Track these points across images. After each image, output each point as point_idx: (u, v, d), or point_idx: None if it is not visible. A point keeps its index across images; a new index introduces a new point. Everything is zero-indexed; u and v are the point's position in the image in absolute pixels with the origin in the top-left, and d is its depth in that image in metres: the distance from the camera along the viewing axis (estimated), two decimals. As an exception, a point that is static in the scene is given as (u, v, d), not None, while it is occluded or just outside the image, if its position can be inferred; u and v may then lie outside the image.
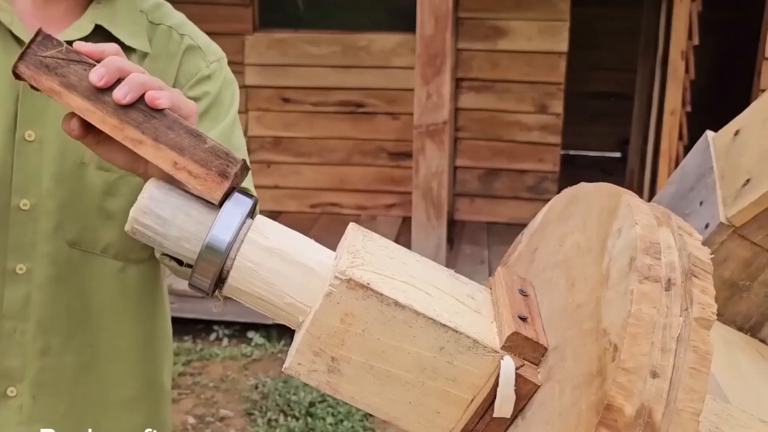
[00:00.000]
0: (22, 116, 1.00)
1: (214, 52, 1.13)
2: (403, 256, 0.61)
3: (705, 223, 0.85)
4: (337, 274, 0.55)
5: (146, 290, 1.15)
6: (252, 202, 0.61)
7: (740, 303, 0.85)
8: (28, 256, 1.05)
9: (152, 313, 1.17)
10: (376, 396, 0.58)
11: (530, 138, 4.85)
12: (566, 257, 0.59)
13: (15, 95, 1.00)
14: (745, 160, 0.84)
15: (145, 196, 0.61)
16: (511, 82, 4.78)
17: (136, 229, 0.61)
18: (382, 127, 4.73)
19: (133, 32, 1.05)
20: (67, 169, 1.03)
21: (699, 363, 0.45)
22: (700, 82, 4.83)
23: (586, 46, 6.35)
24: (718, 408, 0.61)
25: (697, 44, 4.25)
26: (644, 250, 0.48)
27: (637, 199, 0.55)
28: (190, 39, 1.10)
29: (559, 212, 0.66)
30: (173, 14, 1.13)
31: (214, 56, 1.12)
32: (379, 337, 0.55)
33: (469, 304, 0.59)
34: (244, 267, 0.59)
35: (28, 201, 1.02)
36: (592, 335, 0.48)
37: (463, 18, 4.70)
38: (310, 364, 0.57)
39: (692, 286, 0.48)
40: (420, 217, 3.98)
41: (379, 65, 4.70)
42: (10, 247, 1.04)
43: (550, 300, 0.58)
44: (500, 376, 0.53)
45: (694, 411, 0.44)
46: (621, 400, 0.43)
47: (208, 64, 1.10)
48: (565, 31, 4.65)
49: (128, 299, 1.12)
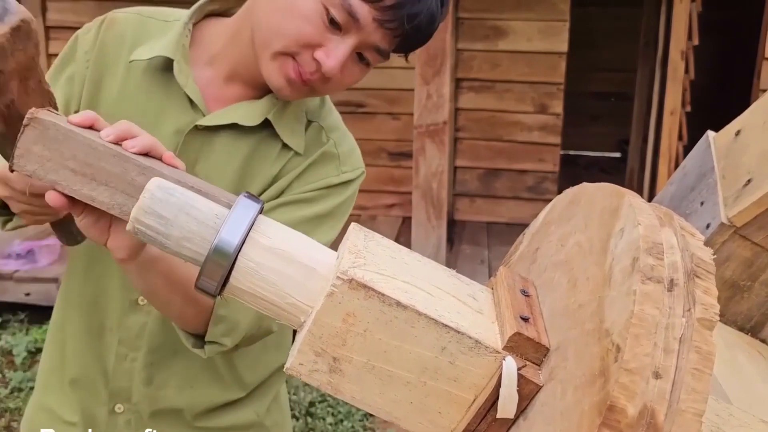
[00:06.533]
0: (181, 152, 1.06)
1: (352, 164, 1.12)
2: (405, 256, 0.61)
3: (706, 224, 0.85)
4: (339, 274, 0.55)
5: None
6: (259, 206, 0.61)
7: (741, 303, 0.85)
8: None
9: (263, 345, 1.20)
10: (377, 396, 0.58)
11: (530, 138, 4.86)
12: (568, 257, 0.59)
13: (175, 145, 1.05)
14: (746, 160, 0.84)
15: (146, 196, 0.61)
16: (511, 82, 4.78)
17: (137, 229, 0.61)
18: (382, 127, 4.73)
19: (294, 131, 1.08)
20: None
21: (701, 363, 0.45)
22: (700, 82, 4.84)
23: (586, 46, 6.36)
24: (720, 408, 0.61)
25: (697, 44, 4.25)
26: (647, 250, 0.48)
27: (640, 200, 0.55)
28: (334, 146, 1.10)
29: (560, 212, 0.66)
30: (330, 115, 1.14)
31: (350, 167, 1.11)
32: (380, 337, 0.55)
33: (470, 304, 0.59)
34: (246, 267, 0.59)
35: None
36: (595, 335, 0.48)
37: (463, 18, 4.70)
38: (312, 364, 0.57)
39: (695, 287, 0.48)
40: (420, 217, 3.98)
41: (379, 65, 4.69)
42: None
43: (551, 300, 0.58)
44: (502, 377, 0.53)
45: (697, 411, 0.44)
46: (624, 400, 0.43)
47: (339, 173, 1.10)
48: (565, 31, 4.66)
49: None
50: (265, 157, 1.08)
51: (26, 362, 3.40)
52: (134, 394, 1.15)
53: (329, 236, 1.09)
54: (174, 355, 1.13)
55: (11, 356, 3.45)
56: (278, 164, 1.08)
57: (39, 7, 4.79)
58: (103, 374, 1.15)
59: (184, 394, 1.16)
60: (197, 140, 1.06)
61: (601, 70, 7.03)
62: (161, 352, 1.13)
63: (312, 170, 1.09)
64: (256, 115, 1.05)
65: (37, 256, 3.91)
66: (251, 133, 1.07)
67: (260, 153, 1.08)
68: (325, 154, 1.09)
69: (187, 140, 1.05)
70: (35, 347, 3.50)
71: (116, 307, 1.13)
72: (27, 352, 3.44)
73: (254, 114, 1.05)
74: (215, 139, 1.06)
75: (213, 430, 1.20)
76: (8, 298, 3.77)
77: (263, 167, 1.08)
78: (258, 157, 1.08)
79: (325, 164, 1.09)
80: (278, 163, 1.08)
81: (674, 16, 4.24)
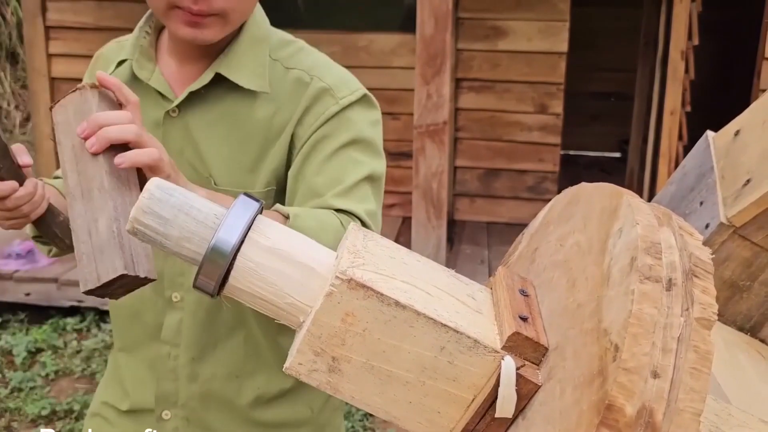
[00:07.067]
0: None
1: (349, 89, 1.12)
2: (404, 256, 0.61)
3: (705, 223, 0.85)
4: (338, 274, 0.55)
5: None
6: (258, 205, 0.61)
7: (740, 303, 0.85)
8: (180, 285, 1.14)
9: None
10: (376, 396, 0.58)
11: (530, 138, 4.86)
12: (567, 257, 0.59)
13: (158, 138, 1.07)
14: (746, 160, 0.84)
15: (146, 196, 0.61)
16: (511, 82, 4.78)
17: (137, 229, 0.61)
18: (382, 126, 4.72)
19: (254, 74, 1.09)
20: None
21: (700, 363, 0.45)
22: (700, 82, 4.84)
23: (586, 46, 6.35)
24: (719, 408, 0.61)
25: (697, 44, 4.25)
26: (645, 250, 0.48)
27: (638, 199, 0.55)
28: (319, 80, 1.11)
29: (559, 212, 0.66)
30: (309, 57, 1.15)
31: (347, 91, 1.11)
32: (379, 337, 0.55)
33: (469, 304, 0.59)
34: (245, 267, 0.59)
35: None
36: (593, 335, 0.48)
37: (463, 18, 4.70)
38: (311, 363, 0.57)
39: (693, 287, 0.48)
40: (420, 217, 3.98)
41: (379, 65, 4.69)
42: (166, 277, 1.13)
43: (550, 300, 0.58)
44: (501, 376, 0.53)
45: (695, 411, 0.44)
46: (622, 400, 0.43)
47: (337, 101, 1.10)
48: (565, 31, 4.66)
49: (269, 324, 1.14)
50: (246, 118, 1.10)
51: (26, 362, 3.40)
52: (181, 395, 1.16)
53: (373, 165, 1.10)
54: (215, 348, 1.15)
55: (11, 356, 3.45)
56: (263, 119, 1.10)
57: (39, 7, 4.79)
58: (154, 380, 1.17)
59: (232, 384, 1.16)
60: (177, 128, 1.10)
61: (601, 70, 7.03)
62: (201, 346, 1.15)
63: (310, 113, 1.10)
64: (206, 77, 1.08)
65: (37, 256, 3.91)
66: (220, 102, 1.10)
67: (240, 116, 1.10)
68: (316, 92, 1.10)
69: (167, 130, 1.10)
70: (35, 347, 3.50)
71: (154, 310, 1.15)
72: (27, 352, 3.44)
73: (205, 77, 1.09)
74: (191, 122, 1.10)
75: (268, 425, 1.20)
76: (8, 298, 3.77)
77: (251, 129, 1.10)
78: (240, 121, 1.10)
79: (319, 101, 1.10)
80: (261, 117, 1.10)
81: (674, 16, 4.24)
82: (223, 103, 1.10)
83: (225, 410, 1.17)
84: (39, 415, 3.02)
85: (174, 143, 1.09)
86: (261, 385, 1.18)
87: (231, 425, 1.18)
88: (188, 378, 1.16)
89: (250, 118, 1.10)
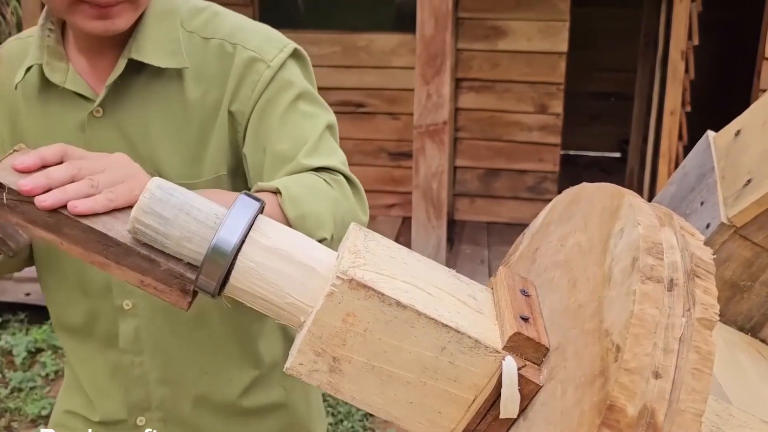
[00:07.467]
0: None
1: (276, 47, 1.06)
2: (405, 256, 0.61)
3: (706, 224, 0.85)
4: (339, 274, 0.55)
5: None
6: (259, 205, 0.61)
7: (741, 303, 0.85)
8: (130, 293, 1.09)
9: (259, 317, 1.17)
10: (377, 396, 0.58)
11: (530, 138, 4.86)
12: (568, 257, 0.59)
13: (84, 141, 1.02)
14: (746, 160, 0.84)
15: (146, 196, 0.61)
16: (511, 82, 4.78)
17: (137, 229, 0.61)
18: (382, 127, 4.73)
19: (168, 51, 1.03)
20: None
21: (701, 363, 0.45)
22: (700, 82, 4.84)
23: (586, 46, 6.35)
24: (720, 408, 0.61)
25: (697, 44, 4.25)
26: (647, 250, 0.48)
27: (640, 200, 0.55)
28: (243, 49, 1.05)
29: (560, 212, 0.66)
30: (225, 22, 1.08)
31: (274, 51, 1.05)
32: (380, 337, 0.55)
33: (470, 304, 0.59)
34: (246, 267, 0.59)
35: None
36: (594, 335, 0.48)
37: (463, 18, 4.70)
38: (312, 364, 0.57)
39: (694, 287, 0.48)
40: (420, 217, 3.98)
41: (379, 65, 4.70)
42: (115, 286, 1.09)
43: (551, 300, 0.58)
44: (503, 377, 0.53)
45: (697, 411, 0.44)
46: (623, 400, 0.43)
47: (267, 65, 1.04)
48: (565, 31, 4.66)
49: (232, 318, 1.13)
50: (178, 104, 1.04)
51: (26, 362, 3.40)
52: (153, 399, 1.15)
53: (326, 115, 1.06)
54: (180, 349, 1.13)
55: (11, 356, 3.45)
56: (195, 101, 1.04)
57: (39, 7, 4.79)
58: (119, 390, 1.15)
59: (203, 381, 1.15)
60: (105, 128, 1.03)
61: (601, 70, 7.02)
62: (165, 349, 1.13)
63: (244, 85, 1.04)
64: (120, 66, 1.01)
65: (37, 256, 3.90)
66: (145, 90, 1.04)
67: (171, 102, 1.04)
68: (243, 62, 1.04)
69: (93, 133, 1.03)
70: (35, 347, 3.50)
71: (105, 321, 1.12)
72: (27, 352, 3.44)
73: (118, 67, 1.02)
74: (122, 119, 1.04)
75: (246, 413, 1.19)
76: (8, 298, 3.77)
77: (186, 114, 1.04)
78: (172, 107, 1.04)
79: (250, 70, 1.04)
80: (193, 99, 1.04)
81: (674, 16, 4.23)
82: (149, 91, 1.04)
83: (201, 406, 1.16)
84: (39, 415, 3.02)
85: (105, 145, 1.00)
86: (233, 376, 1.17)
87: (210, 419, 1.17)
88: (158, 382, 1.14)
89: (182, 103, 1.04)
